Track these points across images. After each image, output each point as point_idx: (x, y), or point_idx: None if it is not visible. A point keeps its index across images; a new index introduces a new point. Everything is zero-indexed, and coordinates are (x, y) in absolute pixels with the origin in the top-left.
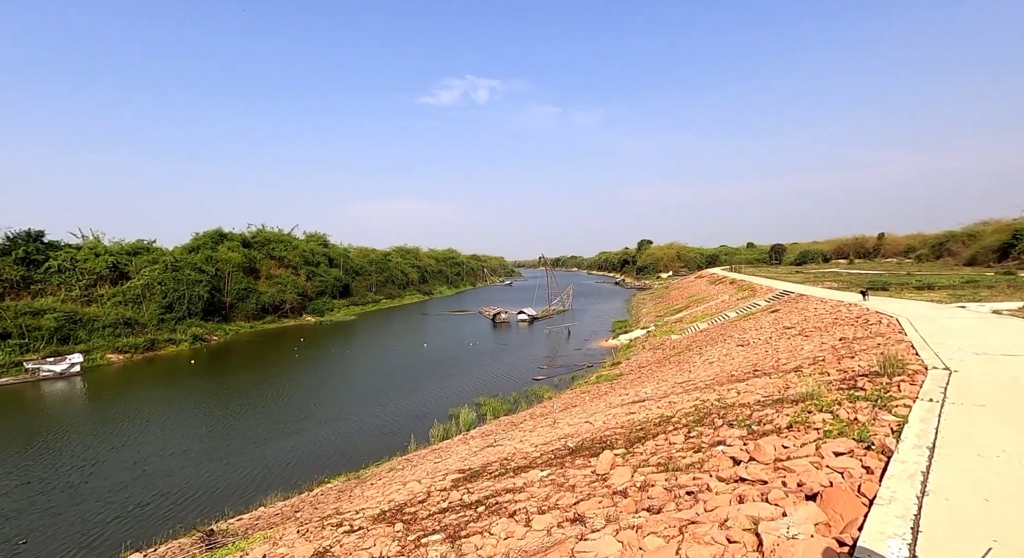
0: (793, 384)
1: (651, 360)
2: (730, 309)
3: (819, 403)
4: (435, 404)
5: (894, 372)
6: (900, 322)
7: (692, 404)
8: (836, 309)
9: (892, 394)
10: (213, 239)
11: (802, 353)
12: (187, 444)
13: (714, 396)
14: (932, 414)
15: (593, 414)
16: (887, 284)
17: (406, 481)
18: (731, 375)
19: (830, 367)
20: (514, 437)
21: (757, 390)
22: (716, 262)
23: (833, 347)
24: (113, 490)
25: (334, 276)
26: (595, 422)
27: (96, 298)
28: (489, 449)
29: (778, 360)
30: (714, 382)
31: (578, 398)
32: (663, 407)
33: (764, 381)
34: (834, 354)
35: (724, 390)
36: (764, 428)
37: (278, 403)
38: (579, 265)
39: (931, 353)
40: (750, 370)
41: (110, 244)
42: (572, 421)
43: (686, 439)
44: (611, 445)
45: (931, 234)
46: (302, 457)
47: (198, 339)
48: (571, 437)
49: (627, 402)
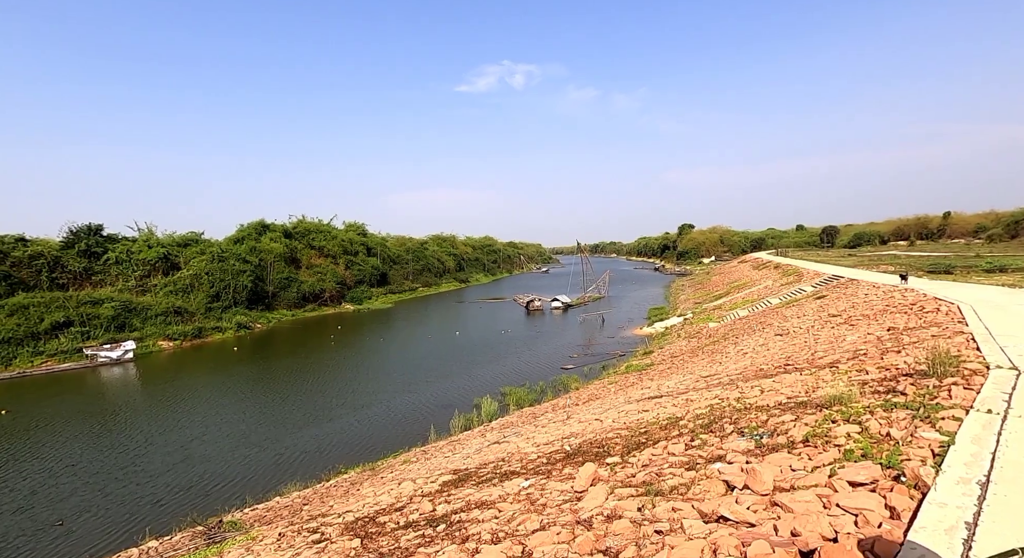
0: (825, 382)
1: (684, 349)
2: (773, 295)
3: (847, 411)
4: (462, 393)
5: (945, 372)
6: (961, 310)
7: (709, 403)
8: (889, 295)
9: (939, 401)
10: (257, 230)
11: (843, 345)
12: (227, 428)
13: (735, 395)
14: (989, 432)
15: (607, 410)
16: (951, 267)
17: (402, 480)
18: (760, 369)
19: (871, 363)
20: (524, 433)
21: (784, 388)
22: (762, 246)
23: (879, 338)
24: (157, 473)
25: (372, 265)
26: (605, 420)
27: (149, 288)
28: (495, 446)
29: (814, 353)
30: (740, 377)
31: (603, 389)
32: (678, 406)
33: (793, 378)
34: (878, 347)
35: (748, 387)
36: (775, 441)
37: (313, 390)
38: (618, 251)
39: (995, 348)
40: (782, 364)
41: (162, 236)
42: (585, 416)
43: (686, 448)
44: (608, 451)
45: (1005, 212)
46: (330, 444)
47: (242, 327)
48: (575, 436)
49: (645, 397)
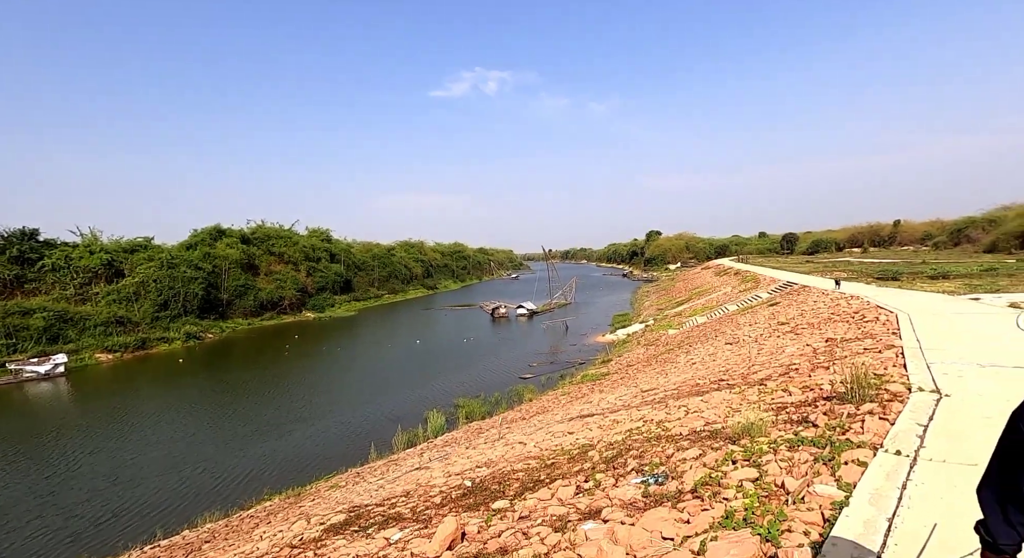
0: (749, 403)
1: (641, 358)
2: (731, 302)
3: (751, 448)
4: (415, 405)
5: (864, 396)
6: (899, 319)
7: (629, 428)
8: (835, 303)
9: (850, 436)
10: (211, 235)
11: (780, 358)
12: (165, 448)
13: (660, 416)
14: (892, 485)
15: (538, 430)
16: (898, 273)
17: (300, 517)
18: (697, 384)
19: (798, 381)
20: (453, 455)
21: (708, 410)
22: (726, 252)
23: (815, 351)
24: (78, 502)
25: (335, 271)
26: (528, 443)
27: (90, 297)
28: (416, 472)
29: (752, 366)
30: (676, 393)
31: (553, 402)
32: (604, 427)
33: (722, 397)
34: (811, 361)
35: (677, 406)
36: (666, 488)
37: (261, 404)
38: (588, 257)
39: (922, 365)
40: (719, 378)
41: (108, 242)
42: (514, 438)
43: (575, 493)
44: (504, 490)
45: (949, 220)
46: (270, 463)
47: (192, 337)
48: (487, 466)
49: (579, 415)
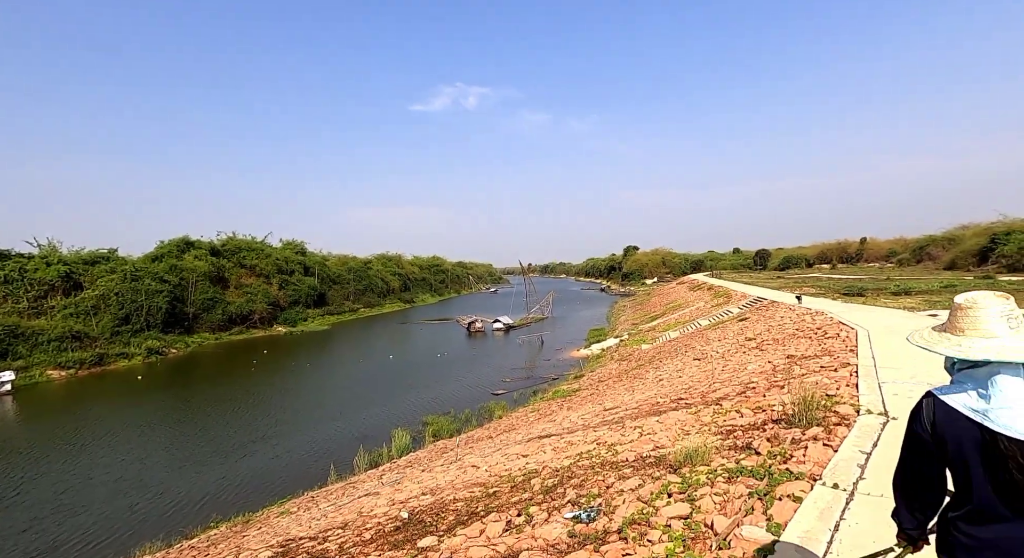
0: (703, 425)
1: (613, 373)
2: (703, 317)
3: (689, 479)
4: (383, 422)
5: (811, 419)
6: (858, 336)
7: (580, 451)
8: (801, 318)
9: (790, 466)
10: (179, 247)
11: (741, 375)
12: (117, 471)
13: (614, 438)
14: (826, 523)
15: (495, 452)
16: (864, 290)
17: (226, 555)
18: (656, 403)
19: (752, 401)
20: (408, 478)
21: (661, 433)
22: (701, 267)
23: (774, 368)
24: (16, 533)
25: (308, 285)
26: (481, 467)
27: (46, 310)
28: (362, 499)
29: (713, 383)
30: (635, 412)
31: (521, 419)
32: (558, 450)
33: (677, 417)
34: (769, 379)
35: (632, 427)
36: (595, 526)
37: (221, 423)
38: (567, 271)
39: (874, 385)
40: (679, 397)
41: (67, 253)
42: (470, 460)
43: (504, 530)
44: (437, 524)
45: (912, 238)
46: (226, 485)
47: (154, 352)
48: (431, 494)
49: (538, 436)
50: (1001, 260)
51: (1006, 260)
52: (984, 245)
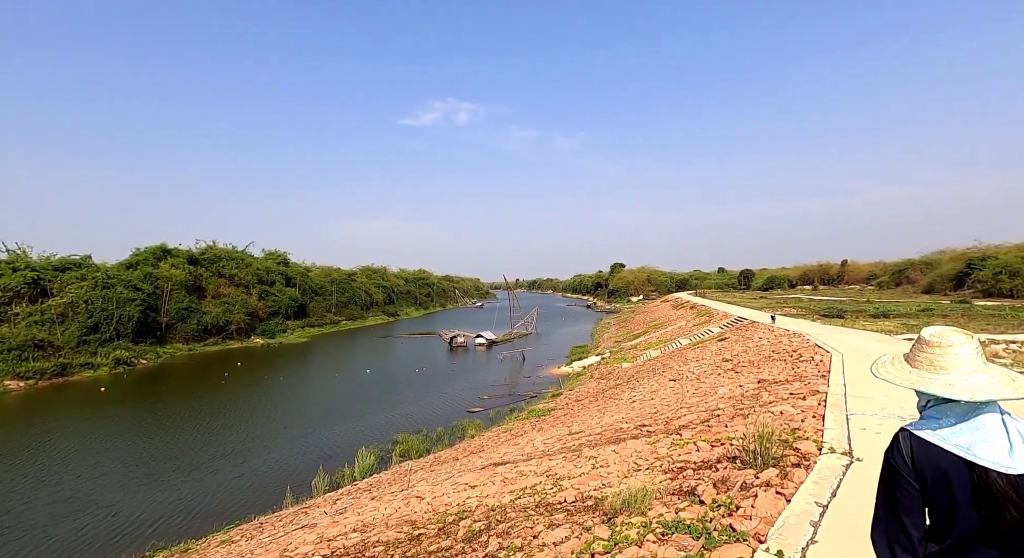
0: (656, 458)
1: (591, 392)
2: (684, 336)
3: (616, 535)
4: (351, 440)
5: (768, 458)
6: (832, 360)
7: (525, 485)
8: (779, 340)
9: (735, 520)
10: (155, 255)
11: (710, 400)
12: (64, 490)
13: (564, 470)
14: None
15: (444, 481)
16: (843, 311)
17: None
18: (620, 429)
19: (713, 432)
20: (347, 509)
21: (613, 465)
22: (686, 286)
23: (743, 394)
24: None
25: (289, 296)
26: (425, 498)
27: (10, 318)
28: (295, 533)
29: (680, 408)
30: (599, 437)
31: (492, 439)
32: (503, 483)
33: (634, 447)
34: (735, 406)
35: (586, 458)
36: None
37: (184, 440)
38: (555, 287)
39: (842, 417)
40: (642, 423)
41: (38, 259)
42: (419, 489)
43: None
44: None
45: (891, 262)
46: (173, 510)
47: (122, 363)
48: (358, 532)
49: (492, 464)
50: (977, 285)
51: (981, 285)
52: (960, 270)
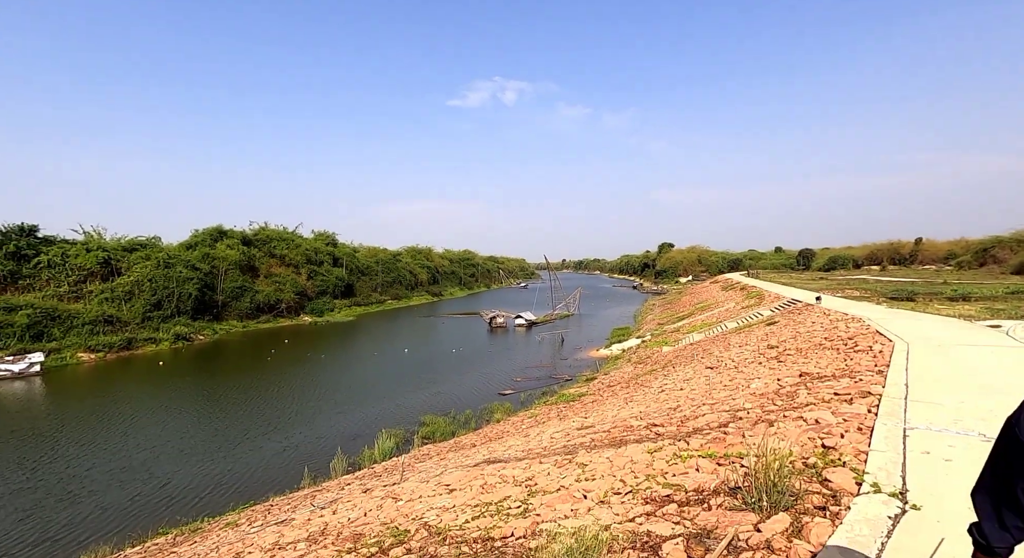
0: (646, 477)
1: (625, 378)
2: (731, 319)
3: None
4: (380, 420)
5: (779, 499)
6: (895, 351)
7: (494, 499)
8: (834, 325)
9: None
10: (212, 236)
11: (738, 396)
12: (122, 459)
13: (543, 482)
14: None
15: (428, 481)
16: (914, 294)
17: None
18: (630, 427)
19: (725, 443)
20: (339, 500)
21: (597, 480)
22: (740, 267)
23: (778, 390)
24: (18, 519)
25: (336, 275)
26: (401, 499)
27: (85, 295)
28: (270, 528)
29: (702, 405)
30: (604, 437)
31: (518, 425)
32: (482, 491)
33: (632, 454)
34: (763, 407)
35: (575, 465)
36: None
37: (230, 415)
38: (601, 268)
39: (897, 432)
40: (654, 421)
41: (109, 241)
42: (407, 486)
43: None
44: None
45: (975, 239)
46: (214, 482)
47: (181, 338)
48: (308, 542)
49: (486, 461)
50: None
51: None
52: None
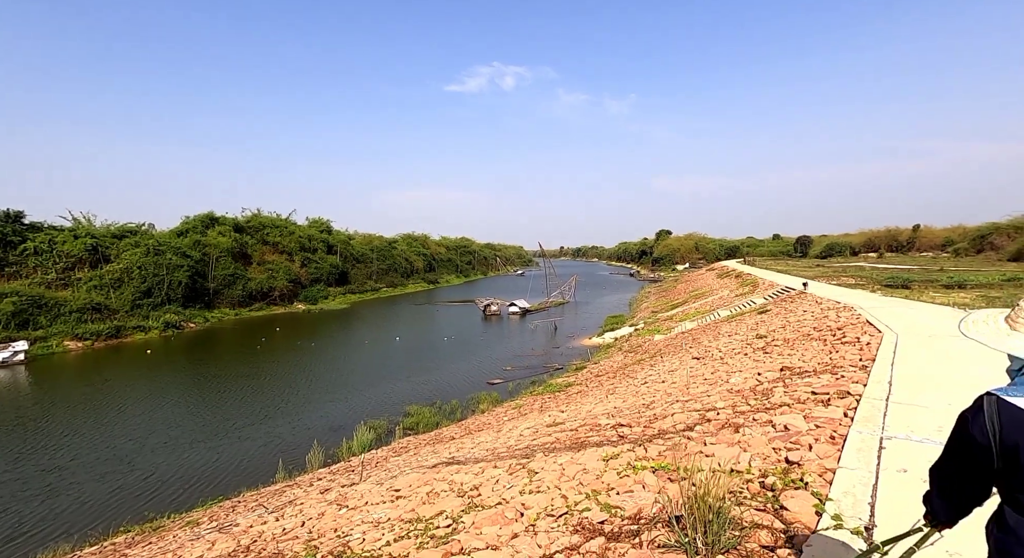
0: (593, 491)
1: (614, 367)
2: (724, 307)
3: None
4: (365, 410)
5: (714, 543)
6: (883, 344)
7: (420, 517)
8: (824, 314)
9: None
10: (203, 223)
11: (713, 393)
12: (110, 449)
13: (486, 493)
14: None
15: (380, 484)
16: (909, 282)
17: None
18: (597, 425)
19: (687, 450)
20: (291, 503)
21: (540, 492)
22: (737, 254)
23: (755, 387)
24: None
25: (330, 263)
26: (347, 505)
27: (73, 282)
28: (212, 535)
29: (675, 402)
30: (568, 437)
31: (502, 416)
32: (422, 503)
33: (587, 462)
34: (735, 407)
35: (527, 472)
36: None
37: (210, 405)
38: (600, 255)
39: (871, 443)
40: (622, 421)
41: (99, 227)
42: (357, 491)
43: None
44: None
45: (972, 226)
46: (183, 477)
47: (171, 326)
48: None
49: (443, 462)
50: None
51: None
52: None
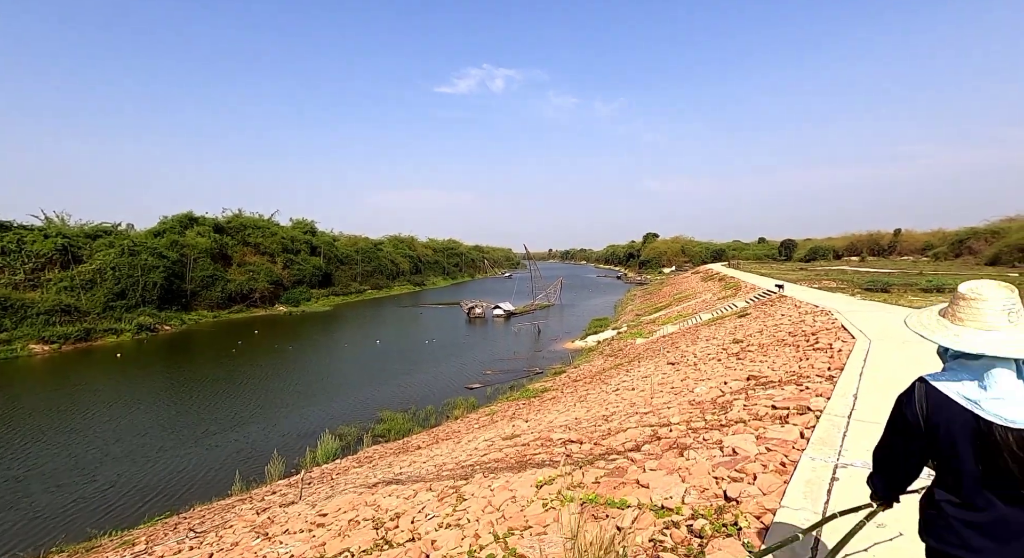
0: (515, 527)
1: (592, 372)
2: (706, 310)
3: None
4: (335, 417)
5: None
6: (853, 352)
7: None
8: (802, 318)
9: None
10: (182, 223)
11: (672, 406)
12: (57, 460)
13: (404, 526)
14: None
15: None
16: (889, 285)
17: None
18: (548, 440)
19: (624, 477)
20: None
21: (458, 528)
22: (723, 257)
23: (715, 399)
24: None
25: (313, 265)
26: (266, 532)
27: (43, 283)
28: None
29: (632, 415)
30: (520, 450)
31: (467, 425)
32: (335, 533)
33: (519, 488)
34: (689, 424)
35: (457, 498)
36: None
37: (179, 412)
38: (588, 258)
39: (824, 473)
40: (572, 438)
41: (73, 227)
42: (290, 513)
43: None
44: None
45: (951, 231)
46: (145, 487)
47: (145, 329)
48: None
49: (384, 481)
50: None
51: None
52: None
